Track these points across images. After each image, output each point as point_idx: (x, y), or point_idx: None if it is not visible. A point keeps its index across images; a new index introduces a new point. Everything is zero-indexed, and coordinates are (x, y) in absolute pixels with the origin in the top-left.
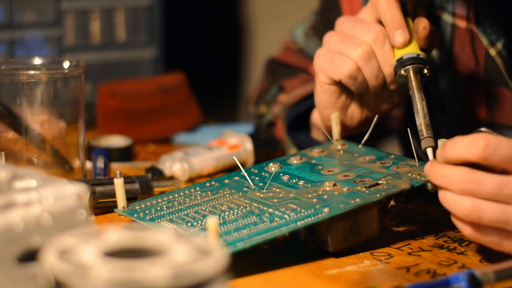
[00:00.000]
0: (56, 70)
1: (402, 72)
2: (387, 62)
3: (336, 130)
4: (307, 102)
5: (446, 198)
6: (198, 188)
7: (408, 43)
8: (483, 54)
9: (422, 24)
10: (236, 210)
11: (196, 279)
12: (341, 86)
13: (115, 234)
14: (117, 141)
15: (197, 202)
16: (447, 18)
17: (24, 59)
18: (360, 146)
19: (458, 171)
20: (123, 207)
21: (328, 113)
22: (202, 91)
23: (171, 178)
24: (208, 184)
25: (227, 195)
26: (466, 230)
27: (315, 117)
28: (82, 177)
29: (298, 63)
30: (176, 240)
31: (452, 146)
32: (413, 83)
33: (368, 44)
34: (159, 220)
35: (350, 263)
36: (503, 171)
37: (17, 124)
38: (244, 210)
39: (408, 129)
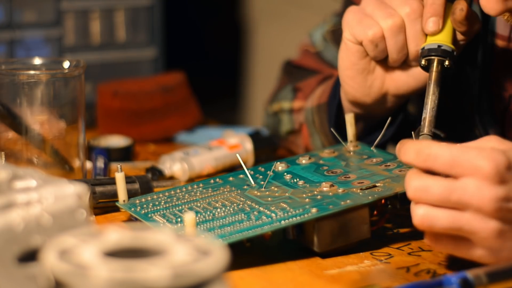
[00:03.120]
0: (56, 70)
1: (423, 62)
2: (415, 40)
3: (350, 131)
4: (336, 98)
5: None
6: (201, 185)
7: (438, 33)
8: None
9: (460, 6)
10: (228, 208)
11: (196, 279)
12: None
13: (115, 234)
14: (117, 141)
15: (195, 198)
16: (487, 38)
17: (24, 59)
18: (372, 148)
19: (409, 177)
20: (124, 201)
21: (348, 74)
22: (202, 91)
23: (171, 178)
24: (212, 181)
25: (226, 193)
26: (425, 238)
27: (346, 103)
28: (82, 177)
29: (314, 66)
30: (176, 240)
31: (402, 153)
32: (432, 75)
33: (401, 17)
34: (152, 214)
35: (350, 263)
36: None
37: (17, 124)
38: (235, 208)
39: (412, 131)
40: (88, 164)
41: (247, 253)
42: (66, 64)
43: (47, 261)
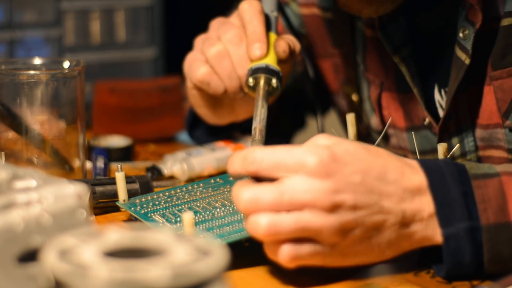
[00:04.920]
0: (56, 70)
1: (250, 80)
2: (241, 64)
3: (351, 132)
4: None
5: (247, 224)
6: (201, 185)
7: (264, 57)
8: (393, 62)
9: (282, 48)
10: (228, 207)
11: (196, 279)
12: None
13: (115, 234)
14: (117, 141)
15: (195, 198)
16: (360, 26)
17: (24, 59)
18: None
19: (237, 191)
20: (124, 200)
21: (202, 112)
22: None
23: (171, 177)
24: (212, 181)
25: (226, 192)
26: (283, 254)
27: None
28: (82, 177)
29: None
30: (176, 240)
31: (229, 164)
32: (259, 91)
33: (223, 43)
34: (152, 214)
35: None
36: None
37: (17, 124)
38: (235, 208)
39: (413, 132)
40: (88, 164)
41: (246, 253)
42: (66, 64)
43: (47, 261)
